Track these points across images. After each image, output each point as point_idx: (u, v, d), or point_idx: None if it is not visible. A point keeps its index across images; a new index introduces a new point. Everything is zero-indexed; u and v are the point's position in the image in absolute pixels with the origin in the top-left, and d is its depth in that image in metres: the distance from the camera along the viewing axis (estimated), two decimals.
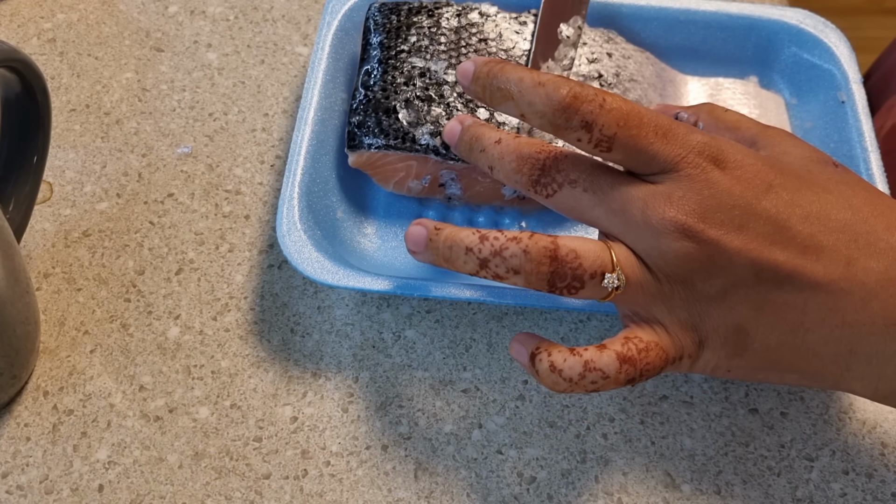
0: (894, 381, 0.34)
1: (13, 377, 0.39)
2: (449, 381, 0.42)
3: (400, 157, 0.43)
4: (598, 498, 0.39)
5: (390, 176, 0.44)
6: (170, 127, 0.50)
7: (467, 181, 0.44)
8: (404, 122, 0.42)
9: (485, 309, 0.44)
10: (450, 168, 0.43)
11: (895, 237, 0.33)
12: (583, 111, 0.33)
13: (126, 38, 0.54)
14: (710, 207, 0.32)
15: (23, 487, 0.38)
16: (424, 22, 0.45)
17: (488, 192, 0.44)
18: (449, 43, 0.45)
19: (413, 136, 0.42)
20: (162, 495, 0.38)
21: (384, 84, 0.43)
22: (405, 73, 0.43)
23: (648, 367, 0.33)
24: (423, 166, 0.43)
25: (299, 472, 0.39)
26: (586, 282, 0.33)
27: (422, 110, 0.42)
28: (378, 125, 0.42)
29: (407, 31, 0.45)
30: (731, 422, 0.41)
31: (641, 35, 0.50)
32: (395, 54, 0.44)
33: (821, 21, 0.50)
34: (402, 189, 0.44)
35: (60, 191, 0.47)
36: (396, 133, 0.42)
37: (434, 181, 0.44)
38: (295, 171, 0.42)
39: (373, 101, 0.43)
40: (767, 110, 0.50)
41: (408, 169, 0.43)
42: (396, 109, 0.42)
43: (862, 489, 0.39)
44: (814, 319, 0.33)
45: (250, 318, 0.43)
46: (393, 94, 0.43)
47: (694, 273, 0.33)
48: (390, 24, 0.45)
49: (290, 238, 0.41)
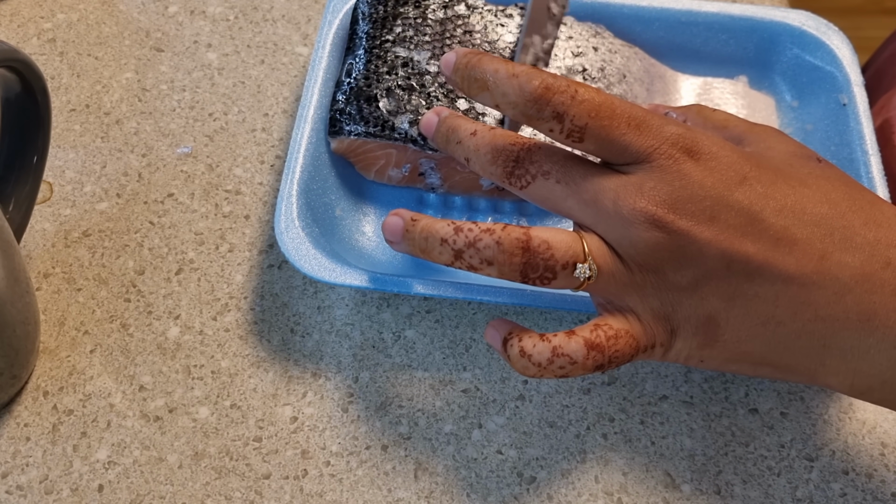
0: (870, 377, 0.33)
1: (13, 377, 0.39)
2: (449, 381, 0.42)
3: (379, 144, 0.43)
4: (598, 498, 0.39)
5: (371, 164, 0.45)
6: (170, 127, 0.50)
7: (446, 171, 0.44)
8: (384, 111, 0.43)
9: (485, 309, 0.44)
10: (428, 157, 0.44)
11: (872, 232, 0.33)
12: (554, 102, 0.33)
13: (126, 38, 0.54)
14: (680, 198, 0.32)
15: (23, 487, 0.38)
16: (411, 13, 0.46)
17: (467, 182, 0.45)
18: (434, 34, 0.45)
19: (392, 124, 0.43)
20: (162, 495, 0.38)
21: (367, 73, 0.44)
22: (388, 62, 0.44)
23: (617, 354, 0.33)
24: (402, 155, 0.44)
25: (299, 472, 0.39)
26: (558, 272, 0.33)
27: (402, 99, 0.43)
28: (359, 112, 0.43)
29: (393, 21, 0.46)
30: (730, 422, 0.41)
31: (643, 36, 0.50)
32: (380, 44, 0.45)
33: (823, 23, 0.50)
34: (382, 178, 0.45)
35: (60, 191, 0.47)
36: (376, 121, 0.43)
37: (414, 170, 0.45)
38: (294, 169, 0.42)
39: (355, 88, 0.44)
40: (756, 110, 0.50)
41: (387, 157, 0.44)
42: (377, 97, 0.43)
43: (862, 489, 0.39)
44: (785, 312, 0.33)
45: (250, 318, 0.43)
46: (375, 83, 0.44)
47: (664, 263, 0.33)
48: (377, 14, 0.46)
49: (289, 235, 0.41)
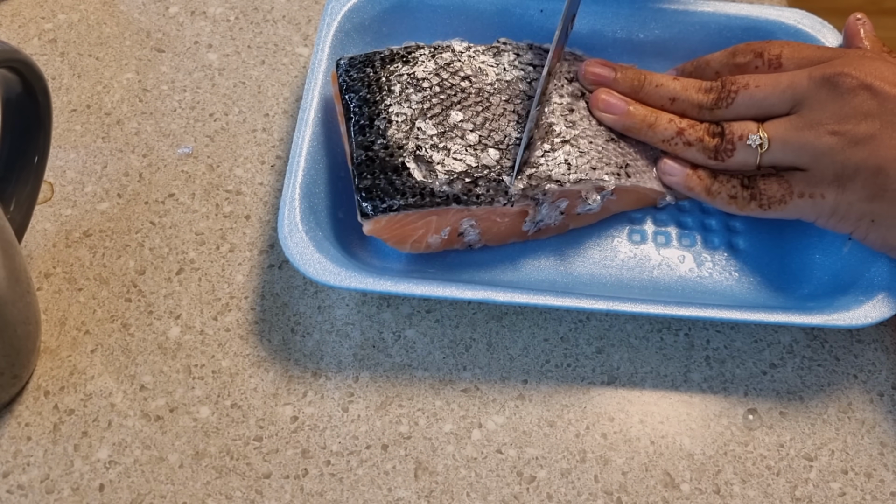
0: None
1: (14, 377, 0.39)
2: (449, 380, 0.42)
3: (420, 214, 0.41)
4: (597, 497, 0.39)
5: (408, 236, 0.42)
6: (170, 127, 0.50)
7: (486, 224, 0.43)
8: (418, 177, 0.40)
9: (485, 309, 0.44)
10: (470, 215, 0.42)
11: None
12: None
13: (127, 39, 0.54)
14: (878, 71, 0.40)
15: (24, 487, 0.38)
16: (402, 69, 0.44)
17: (507, 231, 0.44)
18: (433, 87, 0.43)
19: (431, 190, 0.40)
20: (163, 495, 0.38)
21: (385, 141, 0.41)
22: (399, 125, 0.42)
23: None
24: (443, 219, 0.41)
25: (300, 472, 0.39)
26: (735, 143, 0.42)
27: (431, 160, 0.41)
28: (391, 185, 0.40)
29: (388, 81, 0.43)
30: (730, 421, 0.41)
31: (640, 35, 0.50)
32: (385, 108, 0.42)
33: (818, 21, 0.50)
34: (420, 247, 0.43)
35: (61, 191, 0.47)
36: (413, 190, 0.40)
37: (453, 231, 0.42)
38: (296, 172, 0.42)
39: (377, 160, 0.41)
40: None
41: (427, 225, 0.42)
42: (405, 165, 0.41)
43: (861, 489, 0.39)
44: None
45: (251, 317, 0.43)
46: (396, 150, 0.41)
47: (848, 116, 0.39)
48: (368, 77, 0.43)
49: (292, 239, 0.41)
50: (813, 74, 0.41)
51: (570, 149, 0.42)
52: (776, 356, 0.43)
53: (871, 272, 0.42)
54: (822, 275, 0.44)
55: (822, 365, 0.43)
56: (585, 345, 0.43)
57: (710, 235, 0.46)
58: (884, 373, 0.43)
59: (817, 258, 0.44)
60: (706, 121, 0.44)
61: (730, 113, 0.43)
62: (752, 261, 0.45)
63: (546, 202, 0.42)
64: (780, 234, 0.46)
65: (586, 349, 0.43)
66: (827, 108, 0.40)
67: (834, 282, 0.43)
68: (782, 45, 0.44)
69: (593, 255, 0.45)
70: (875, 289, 0.41)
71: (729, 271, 0.45)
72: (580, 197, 0.43)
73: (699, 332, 0.44)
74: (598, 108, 0.45)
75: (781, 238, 0.46)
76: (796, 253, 0.45)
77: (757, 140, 0.41)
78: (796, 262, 0.45)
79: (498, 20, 0.50)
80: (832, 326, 0.40)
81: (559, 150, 0.42)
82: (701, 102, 0.44)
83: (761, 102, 0.42)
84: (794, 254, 0.45)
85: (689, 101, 0.44)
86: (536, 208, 0.42)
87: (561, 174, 0.42)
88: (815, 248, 0.45)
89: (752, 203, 0.42)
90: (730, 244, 0.46)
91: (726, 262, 0.45)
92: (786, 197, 0.42)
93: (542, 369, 0.42)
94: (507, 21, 0.50)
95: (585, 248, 0.46)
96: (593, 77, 0.46)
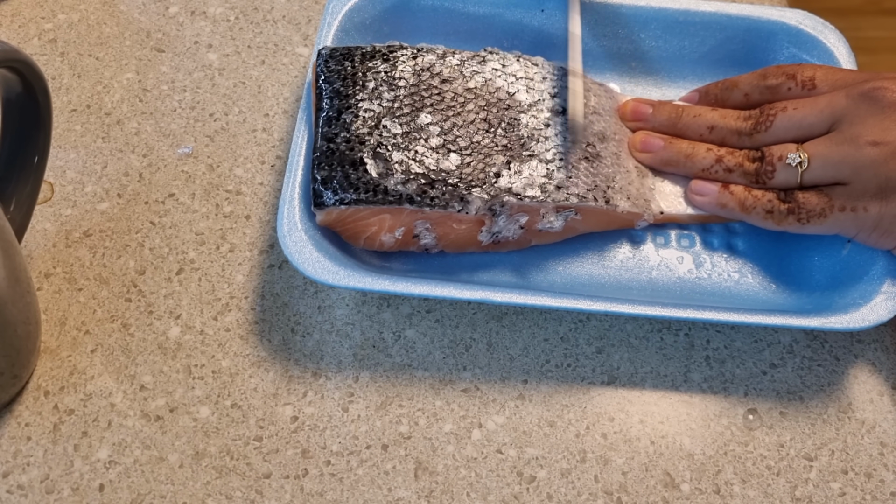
0: None
1: (14, 377, 0.39)
2: (449, 380, 0.42)
3: (372, 210, 0.40)
4: (597, 498, 0.39)
5: (361, 232, 0.42)
6: (171, 127, 0.50)
7: (442, 229, 0.42)
8: (374, 174, 0.40)
9: (485, 309, 0.44)
10: (424, 217, 0.41)
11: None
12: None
13: (127, 39, 0.54)
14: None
15: (24, 487, 0.38)
16: (380, 67, 0.44)
17: (462, 240, 0.43)
18: (409, 87, 0.43)
19: (385, 187, 0.40)
20: (163, 495, 0.38)
21: (347, 135, 0.41)
22: (366, 121, 0.42)
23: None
24: (396, 218, 0.41)
25: (300, 472, 0.39)
26: (775, 164, 0.42)
27: (390, 159, 0.41)
28: (346, 179, 0.40)
29: (364, 77, 0.43)
30: (730, 421, 0.41)
31: (640, 36, 0.51)
32: (355, 102, 0.42)
33: (819, 22, 0.50)
34: (373, 244, 0.43)
35: (61, 191, 0.47)
36: (367, 185, 0.40)
37: (408, 233, 0.42)
38: (295, 171, 0.42)
39: (337, 153, 0.41)
40: None
41: (380, 223, 0.41)
42: (363, 160, 0.41)
43: (861, 489, 0.39)
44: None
45: (251, 317, 0.43)
46: (357, 145, 0.41)
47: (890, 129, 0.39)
48: (345, 70, 0.43)
49: (291, 238, 0.41)
50: (851, 93, 0.41)
51: (538, 164, 0.42)
52: (776, 356, 0.43)
53: (870, 275, 0.42)
54: (821, 277, 0.44)
55: (822, 365, 0.43)
56: (585, 345, 0.43)
57: (710, 236, 0.46)
58: (884, 373, 0.43)
59: (816, 260, 0.44)
60: (745, 147, 0.44)
61: (769, 137, 0.43)
62: (752, 262, 0.45)
63: (504, 214, 0.42)
64: (779, 236, 0.46)
65: (586, 349, 0.43)
66: (867, 122, 0.40)
67: (833, 284, 0.43)
68: (815, 68, 0.44)
69: (592, 256, 0.45)
70: (874, 292, 0.41)
71: (728, 272, 0.45)
72: (540, 213, 0.42)
73: (699, 332, 0.44)
74: (636, 148, 0.46)
75: (781, 240, 0.45)
76: (795, 255, 0.45)
77: (797, 158, 0.41)
78: (795, 263, 0.45)
79: (498, 21, 0.50)
80: (830, 329, 0.40)
81: (525, 163, 0.42)
82: (740, 129, 0.44)
83: (800, 123, 0.42)
84: (794, 255, 0.45)
85: (727, 129, 0.45)
86: (493, 219, 0.42)
87: (520, 188, 0.41)
88: (814, 249, 0.45)
89: (789, 217, 0.42)
90: (729, 245, 0.46)
91: (725, 263, 0.45)
92: (826, 210, 0.41)
93: (542, 369, 0.42)
94: (508, 22, 0.50)
95: (585, 249, 0.46)
96: (632, 115, 0.47)
